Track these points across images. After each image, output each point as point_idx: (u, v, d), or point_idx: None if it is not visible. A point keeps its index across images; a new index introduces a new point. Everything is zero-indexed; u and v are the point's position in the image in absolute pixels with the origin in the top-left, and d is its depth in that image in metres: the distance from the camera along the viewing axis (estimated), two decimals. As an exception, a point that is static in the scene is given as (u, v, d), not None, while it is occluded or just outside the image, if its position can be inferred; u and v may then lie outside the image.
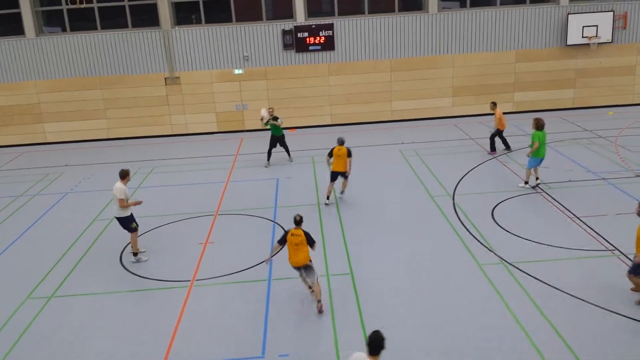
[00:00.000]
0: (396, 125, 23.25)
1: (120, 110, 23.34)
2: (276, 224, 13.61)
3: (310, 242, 9.61)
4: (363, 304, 9.89)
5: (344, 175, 14.60)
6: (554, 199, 14.21)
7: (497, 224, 12.94)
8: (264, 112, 11.46)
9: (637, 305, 9.31)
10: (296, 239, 9.54)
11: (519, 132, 20.76)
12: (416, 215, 13.82)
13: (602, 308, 9.31)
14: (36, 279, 11.52)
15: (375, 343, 6.07)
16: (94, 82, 22.98)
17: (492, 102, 18.69)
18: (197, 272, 11.41)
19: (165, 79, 23.08)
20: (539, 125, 14.59)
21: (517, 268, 10.79)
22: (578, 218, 12.96)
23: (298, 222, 9.70)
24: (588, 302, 9.50)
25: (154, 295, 10.74)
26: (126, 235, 12.27)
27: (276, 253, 10.40)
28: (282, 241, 9.76)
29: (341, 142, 14.47)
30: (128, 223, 11.84)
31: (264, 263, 11.02)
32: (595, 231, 12.19)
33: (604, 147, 18.32)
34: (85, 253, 12.67)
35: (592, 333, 8.72)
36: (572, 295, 9.72)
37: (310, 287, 9.71)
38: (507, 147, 18.51)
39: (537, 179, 15.02)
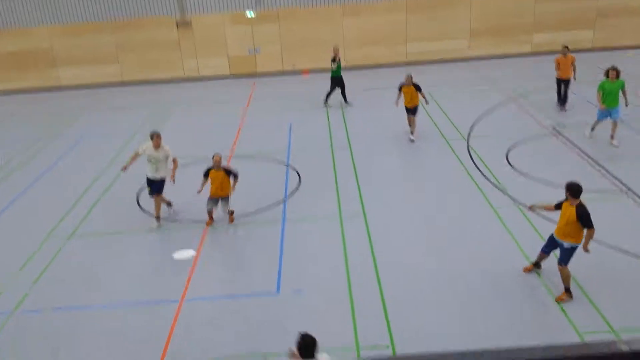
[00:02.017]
0: (411, 68, 22.85)
1: (133, 55, 23.19)
2: (289, 168, 13.68)
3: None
4: (375, 241, 10.04)
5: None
6: (570, 141, 14.07)
7: (511, 166, 12.90)
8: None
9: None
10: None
11: (537, 74, 20.36)
12: (430, 159, 13.79)
13: (615, 248, 9.36)
14: (55, 220, 11.78)
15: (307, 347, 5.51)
16: (106, 26, 22.75)
17: (566, 46, 16.35)
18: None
19: (176, 22, 22.77)
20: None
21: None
22: (593, 160, 12.86)
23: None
24: (601, 243, 9.53)
25: (171, 236, 10.96)
26: (143, 177, 12.42)
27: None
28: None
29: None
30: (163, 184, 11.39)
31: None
32: (610, 173, 12.12)
33: (623, 89, 17.94)
34: (102, 194, 12.89)
35: (604, 273, 8.80)
36: (585, 236, 9.75)
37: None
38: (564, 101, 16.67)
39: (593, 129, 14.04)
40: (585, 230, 7.94)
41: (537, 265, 8.88)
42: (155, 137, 11.04)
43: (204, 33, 22.96)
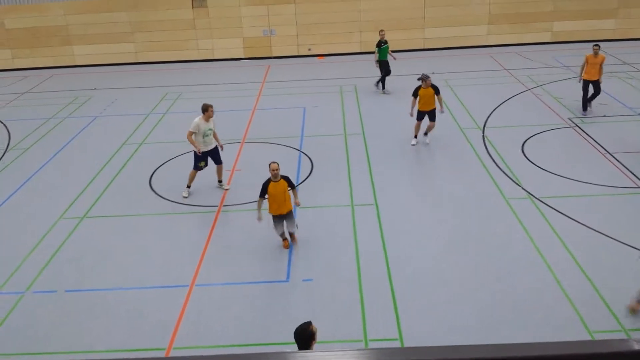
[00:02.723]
0: (429, 54, 22.62)
1: (147, 34, 23.11)
2: (302, 153, 13.62)
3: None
4: (386, 232, 9.99)
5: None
6: (586, 133, 13.87)
7: (526, 158, 12.75)
8: None
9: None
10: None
11: (557, 64, 20.05)
12: (444, 148, 13.66)
13: (627, 245, 9.24)
14: (68, 200, 11.84)
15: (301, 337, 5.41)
16: (121, 3, 22.65)
17: (597, 45, 14.87)
18: (225, 199, 11.59)
19: (192, 1, 22.62)
20: None
21: (544, 203, 10.70)
22: (610, 154, 12.68)
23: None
24: (613, 239, 9.42)
25: (183, 220, 10.98)
26: (156, 160, 12.43)
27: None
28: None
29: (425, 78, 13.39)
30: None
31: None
32: (627, 168, 11.94)
33: (644, 81, 17.66)
34: (115, 176, 12.92)
35: (614, 268, 8.71)
36: (597, 231, 9.65)
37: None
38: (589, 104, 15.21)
39: None
40: None
41: None
42: (210, 108, 11.30)
43: (219, 13, 22.79)
